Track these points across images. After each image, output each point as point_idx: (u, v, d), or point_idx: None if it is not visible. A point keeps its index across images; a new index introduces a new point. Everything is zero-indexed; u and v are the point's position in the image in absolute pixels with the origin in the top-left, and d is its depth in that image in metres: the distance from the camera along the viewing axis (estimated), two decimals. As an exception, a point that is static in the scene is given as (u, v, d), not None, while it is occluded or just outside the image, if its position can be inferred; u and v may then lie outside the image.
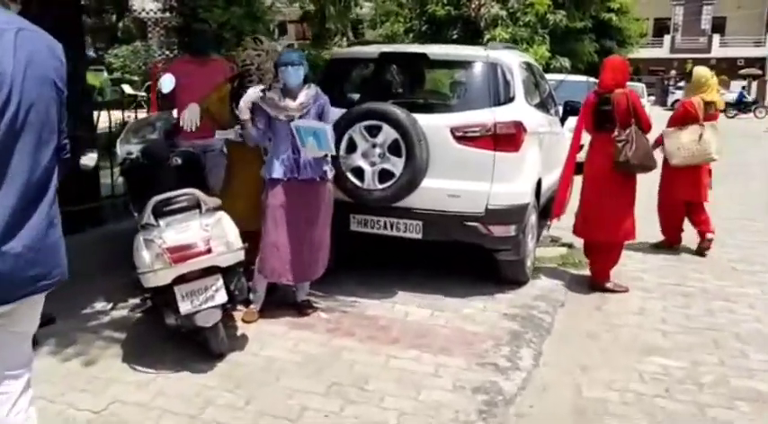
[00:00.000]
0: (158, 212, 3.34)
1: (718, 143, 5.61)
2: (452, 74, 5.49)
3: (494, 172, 4.29)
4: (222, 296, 3.28)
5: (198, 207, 3.40)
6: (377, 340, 3.74)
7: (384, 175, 4.26)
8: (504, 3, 14.74)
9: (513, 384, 3.29)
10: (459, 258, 4.99)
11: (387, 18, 18.11)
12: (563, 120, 6.11)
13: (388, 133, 4.21)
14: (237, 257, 3.36)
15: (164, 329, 3.46)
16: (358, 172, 4.30)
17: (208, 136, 4.46)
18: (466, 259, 4.92)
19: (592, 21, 17.15)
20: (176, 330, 3.42)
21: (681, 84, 16.21)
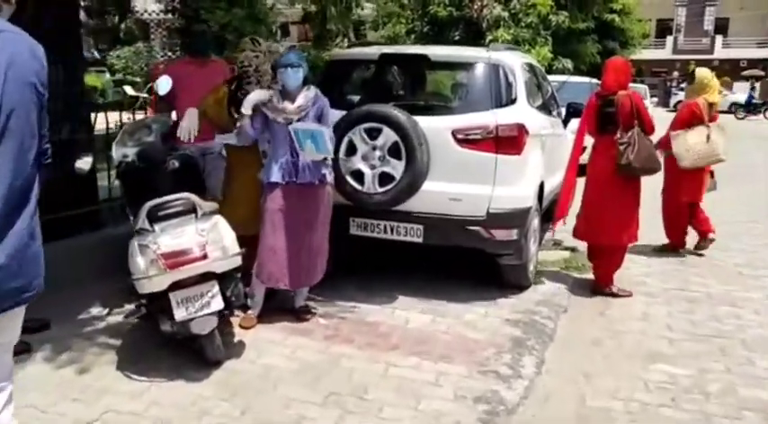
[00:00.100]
0: (153, 217, 3.27)
1: (724, 143, 5.56)
2: (454, 75, 5.42)
3: (495, 176, 4.23)
4: (218, 303, 3.21)
5: (194, 211, 3.32)
6: (376, 347, 3.67)
7: (384, 178, 4.19)
8: (507, 4, 14.72)
9: (515, 393, 3.22)
10: (461, 262, 4.92)
11: (389, 19, 18.10)
12: (566, 122, 6.05)
13: (388, 135, 4.14)
14: (234, 263, 3.29)
15: (159, 335, 3.40)
16: (358, 175, 4.24)
17: (207, 139, 4.40)
18: (467, 263, 4.85)
19: (594, 22, 17.14)
20: (172, 336, 3.36)
21: (683, 86, 16.08)
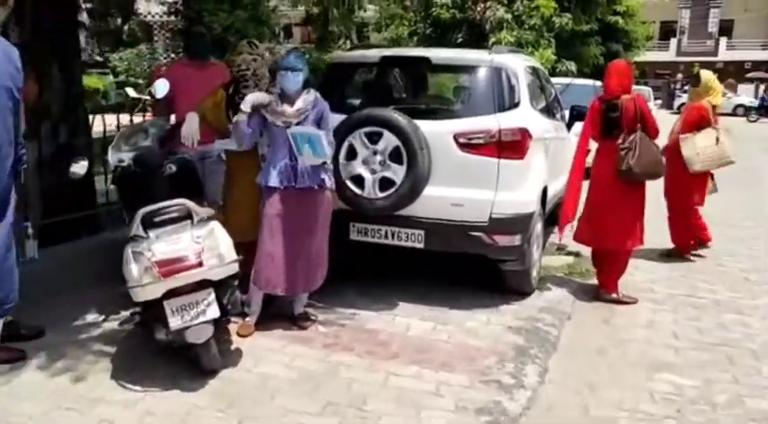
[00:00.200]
0: (148, 223, 3.20)
1: (731, 145, 5.51)
2: (456, 78, 5.36)
3: (498, 180, 4.16)
4: (214, 311, 3.14)
5: (189, 217, 3.26)
6: (376, 356, 3.60)
7: (385, 183, 4.13)
8: (510, 6, 14.65)
9: (517, 403, 3.14)
10: (463, 267, 4.84)
11: (392, 21, 18.05)
12: (569, 125, 5.97)
13: (389, 140, 4.08)
14: (230, 270, 3.23)
15: (155, 343, 3.33)
16: (358, 179, 4.17)
17: (206, 143, 4.33)
18: (469, 268, 4.77)
19: (598, 24, 17.06)
20: (167, 345, 3.30)
21: (686, 88, 15.88)
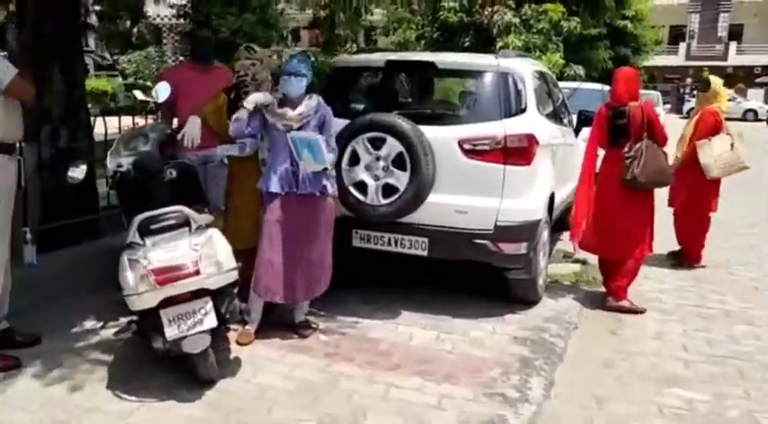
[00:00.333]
0: (144, 230, 3.14)
1: (745, 150, 5.46)
2: (461, 83, 5.27)
3: (504, 187, 4.08)
4: (211, 321, 3.07)
5: (187, 224, 3.19)
6: (377, 366, 3.52)
7: (388, 190, 4.06)
8: (518, 10, 14.55)
9: (522, 418, 3.05)
10: (468, 275, 4.75)
11: (399, 25, 18.00)
12: (577, 130, 5.89)
13: (392, 145, 4.01)
14: (228, 278, 3.15)
15: (152, 351, 3.27)
16: (361, 186, 4.10)
17: (208, 147, 4.27)
18: (474, 276, 4.69)
19: (606, 28, 16.95)
20: (164, 354, 3.23)
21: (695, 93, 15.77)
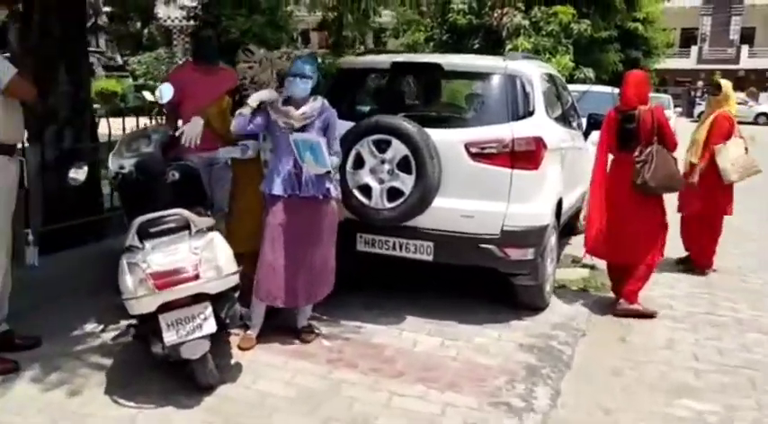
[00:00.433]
0: (144, 233, 3.09)
1: (758, 154, 5.42)
2: (468, 86, 5.21)
3: (510, 192, 4.01)
4: (211, 326, 3.02)
5: (187, 228, 3.14)
6: (381, 373, 3.46)
7: (393, 193, 3.99)
8: (527, 12, 14.48)
9: (527, 429, 2.99)
10: (474, 280, 4.68)
11: (409, 27, 17.97)
12: (586, 134, 5.81)
13: (397, 148, 3.94)
14: (228, 283, 3.10)
15: (151, 356, 3.21)
16: (365, 189, 4.04)
17: (213, 149, 4.23)
18: (480, 281, 4.61)
19: (617, 30, 16.81)
20: (164, 359, 3.18)
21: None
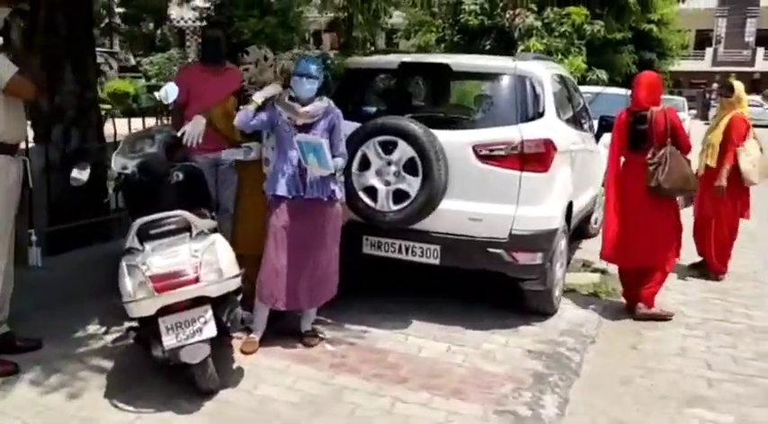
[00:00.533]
0: (144, 235, 3.04)
1: None
2: (477, 86, 5.12)
3: (519, 194, 3.93)
4: (211, 330, 2.96)
5: (188, 230, 3.09)
6: (384, 379, 3.39)
7: (399, 195, 3.93)
8: (540, 13, 14.35)
9: (533, 438, 2.91)
10: (482, 284, 4.59)
11: (420, 28, 17.89)
12: (598, 136, 5.71)
13: (403, 150, 3.88)
14: (229, 286, 3.05)
15: (152, 360, 3.17)
16: (371, 191, 3.98)
17: (218, 150, 4.18)
18: (488, 285, 4.52)
19: (631, 32, 16.62)
20: (164, 362, 3.13)
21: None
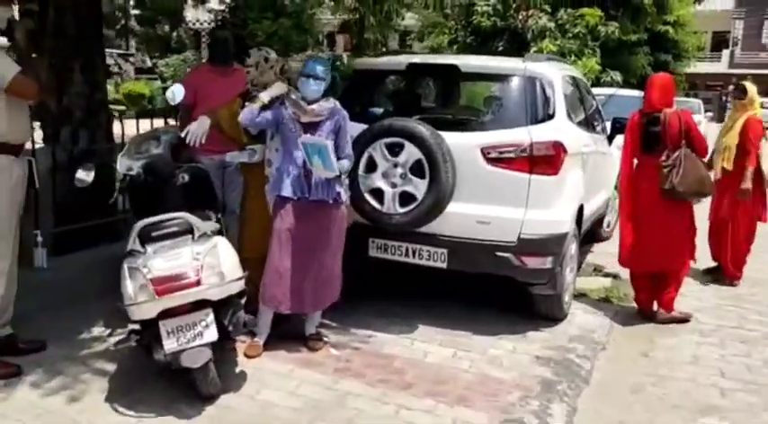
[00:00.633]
0: (145, 237, 3.01)
1: None
2: (486, 88, 5.06)
3: (528, 198, 3.86)
4: (212, 334, 2.92)
5: (190, 232, 3.05)
6: (389, 385, 3.33)
7: (405, 198, 3.87)
8: (553, 14, 14.25)
9: (540, 448, 2.84)
10: (490, 287, 4.52)
11: (433, 30, 17.86)
12: (610, 138, 5.63)
13: (410, 152, 3.82)
14: (231, 289, 3.00)
15: (154, 363, 3.13)
16: (377, 193, 3.93)
17: (224, 151, 4.16)
18: (497, 289, 4.45)
19: (647, 33, 16.47)
20: (166, 366, 3.10)
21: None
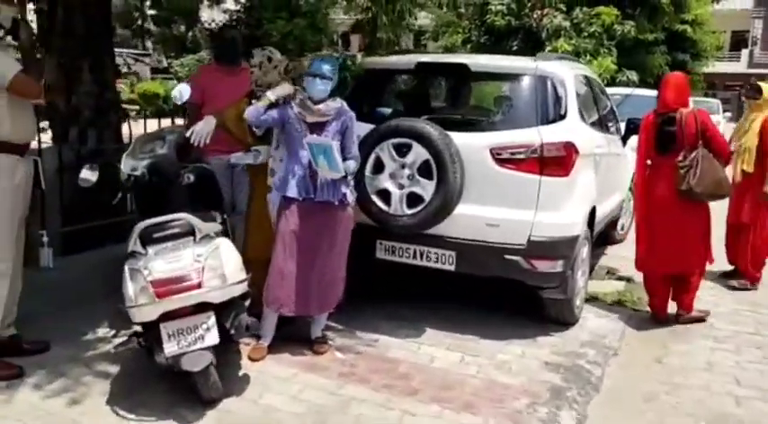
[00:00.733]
0: (147, 239, 2.97)
1: None
2: (496, 87, 4.98)
3: (539, 199, 3.78)
4: (213, 337, 2.88)
5: (192, 233, 3.01)
6: (394, 390, 3.27)
7: (413, 199, 3.80)
8: (568, 13, 14.10)
9: (547, 458, 2.76)
10: (498, 290, 4.44)
11: (447, 29, 17.78)
12: (625, 139, 5.51)
13: (418, 152, 3.75)
14: (234, 292, 2.96)
15: (156, 365, 3.10)
16: (384, 194, 3.86)
17: (230, 152, 4.12)
18: (506, 292, 4.37)
19: (664, 32, 16.25)
20: (167, 369, 3.06)
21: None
